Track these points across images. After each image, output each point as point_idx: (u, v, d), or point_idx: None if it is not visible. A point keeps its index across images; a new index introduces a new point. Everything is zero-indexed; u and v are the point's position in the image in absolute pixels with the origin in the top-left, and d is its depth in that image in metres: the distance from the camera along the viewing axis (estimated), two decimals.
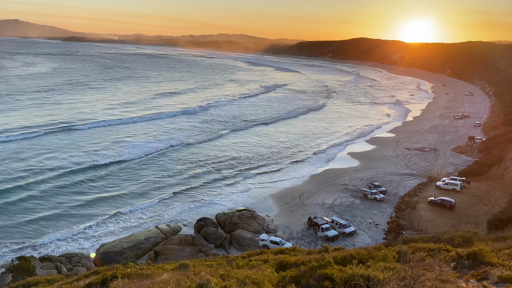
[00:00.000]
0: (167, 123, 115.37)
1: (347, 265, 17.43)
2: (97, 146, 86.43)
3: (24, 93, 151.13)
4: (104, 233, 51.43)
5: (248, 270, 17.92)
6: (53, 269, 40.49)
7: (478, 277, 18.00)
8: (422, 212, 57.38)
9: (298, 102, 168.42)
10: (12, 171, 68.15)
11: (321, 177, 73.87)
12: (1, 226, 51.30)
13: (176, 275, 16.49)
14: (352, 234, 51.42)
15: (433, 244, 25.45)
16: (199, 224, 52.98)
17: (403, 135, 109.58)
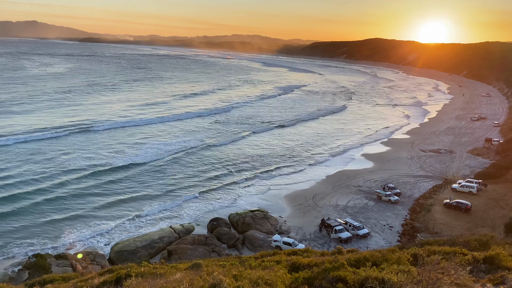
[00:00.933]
0: (186, 124, 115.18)
1: (361, 268, 17.29)
2: (115, 147, 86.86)
3: (42, 94, 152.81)
4: (119, 232, 51.91)
5: (261, 271, 17.90)
6: (68, 267, 40.97)
7: (495, 282, 17.71)
8: (437, 215, 56.63)
9: (316, 103, 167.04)
10: (32, 172, 68.75)
11: (335, 178, 73.46)
12: (20, 225, 52.04)
13: (189, 275, 16.54)
14: (366, 236, 51.04)
15: (448, 247, 25.09)
16: (212, 224, 53.12)
17: (418, 137, 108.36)
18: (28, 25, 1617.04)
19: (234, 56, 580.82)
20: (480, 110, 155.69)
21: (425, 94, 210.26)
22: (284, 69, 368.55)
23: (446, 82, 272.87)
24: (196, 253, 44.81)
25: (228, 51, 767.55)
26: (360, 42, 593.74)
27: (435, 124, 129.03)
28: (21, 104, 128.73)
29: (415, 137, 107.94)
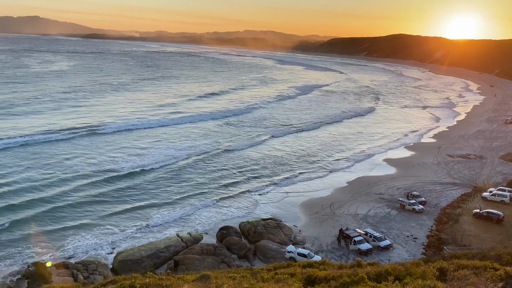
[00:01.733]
0: (199, 127, 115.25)
1: (382, 282, 17.17)
2: (123, 151, 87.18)
3: (44, 93, 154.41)
4: (124, 240, 52.11)
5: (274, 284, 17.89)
6: (69, 276, 41.19)
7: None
8: (466, 226, 55.82)
9: (340, 105, 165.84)
10: (34, 178, 69.12)
11: (355, 185, 72.90)
12: (20, 232, 52.54)
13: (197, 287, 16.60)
14: (388, 248, 50.43)
15: (478, 261, 24.77)
16: (222, 233, 53.02)
17: (445, 141, 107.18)
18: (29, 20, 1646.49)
19: (247, 53, 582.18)
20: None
21: (454, 95, 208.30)
22: (300, 67, 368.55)
23: (476, 82, 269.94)
24: (204, 263, 44.79)
25: (239, 48, 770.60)
26: (382, 38, 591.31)
27: (464, 127, 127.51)
28: (23, 104, 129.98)
29: (442, 141, 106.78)
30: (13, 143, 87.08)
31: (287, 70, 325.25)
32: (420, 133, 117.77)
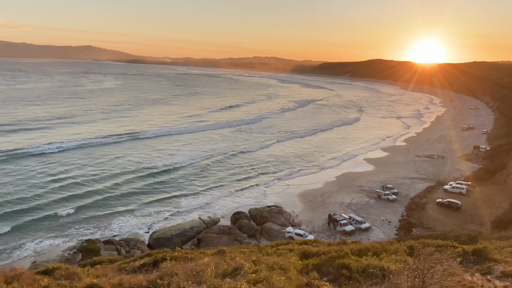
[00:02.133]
0: (220, 133, 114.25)
1: (363, 257, 16.99)
2: (159, 152, 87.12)
3: (96, 106, 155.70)
4: (157, 222, 52.37)
5: (276, 257, 17.78)
6: (114, 251, 41.59)
7: (483, 272, 17.17)
8: (431, 212, 55.34)
9: (331, 116, 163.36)
10: (89, 173, 69.71)
11: (341, 179, 72.63)
12: (78, 216, 53.10)
13: (215, 259, 16.52)
14: (367, 230, 50.26)
15: (441, 241, 24.44)
16: (235, 216, 53.18)
17: (414, 144, 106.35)
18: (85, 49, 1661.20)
19: (255, 75, 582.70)
20: (469, 121, 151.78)
21: (421, 107, 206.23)
22: (297, 85, 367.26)
23: (439, 97, 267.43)
24: (221, 241, 44.89)
25: (249, 71, 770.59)
26: (362, 63, 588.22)
27: (429, 133, 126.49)
28: (80, 115, 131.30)
29: (411, 144, 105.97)
30: (72, 145, 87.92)
31: (287, 88, 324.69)
32: (394, 138, 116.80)
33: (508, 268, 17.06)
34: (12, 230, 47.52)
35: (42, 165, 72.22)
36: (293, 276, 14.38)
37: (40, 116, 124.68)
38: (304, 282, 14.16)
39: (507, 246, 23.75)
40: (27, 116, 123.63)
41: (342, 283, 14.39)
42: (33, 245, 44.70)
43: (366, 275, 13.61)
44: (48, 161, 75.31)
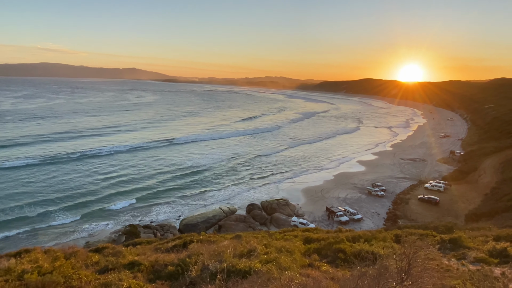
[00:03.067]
0: (242, 140, 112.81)
1: (356, 243, 16.76)
2: (190, 155, 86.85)
3: (139, 117, 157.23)
4: (186, 211, 52.65)
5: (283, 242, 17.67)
6: (151, 234, 41.97)
7: (458, 257, 16.76)
8: (413, 206, 54.20)
9: (333, 126, 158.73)
10: (134, 172, 70.08)
11: (338, 178, 71.79)
12: (123, 207, 53.73)
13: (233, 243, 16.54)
14: (359, 220, 49.51)
15: (422, 231, 23.93)
16: (249, 207, 53.09)
17: (399, 149, 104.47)
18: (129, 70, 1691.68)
19: (267, 91, 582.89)
20: (446, 130, 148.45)
21: (405, 118, 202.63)
22: (302, 100, 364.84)
23: (420, 110, 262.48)
24: (237, 227, 44.93)
25: (262, 88, 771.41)
26: (356, 81, 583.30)
27: (412, 140, 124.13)
28: (125, 124, 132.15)
29: (397, 149, 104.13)
30: (121, 149, 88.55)
31: (293, 102, 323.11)
32: (383, 144, 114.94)
33: (480, 254, 16.61)
34: (73, 214, 48.48)
35: (98, 165, 73.18)
36: (297, 257, 14.27)
37: (95, 125, 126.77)
38: (307, 263, 14.03)
39: (478, 236, 23.13)
40: (85, 125, 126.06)
41: (339, 264, 14.20)
42: (86, 228, 45.49)
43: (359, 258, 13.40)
44: (102, 162, 76.22)
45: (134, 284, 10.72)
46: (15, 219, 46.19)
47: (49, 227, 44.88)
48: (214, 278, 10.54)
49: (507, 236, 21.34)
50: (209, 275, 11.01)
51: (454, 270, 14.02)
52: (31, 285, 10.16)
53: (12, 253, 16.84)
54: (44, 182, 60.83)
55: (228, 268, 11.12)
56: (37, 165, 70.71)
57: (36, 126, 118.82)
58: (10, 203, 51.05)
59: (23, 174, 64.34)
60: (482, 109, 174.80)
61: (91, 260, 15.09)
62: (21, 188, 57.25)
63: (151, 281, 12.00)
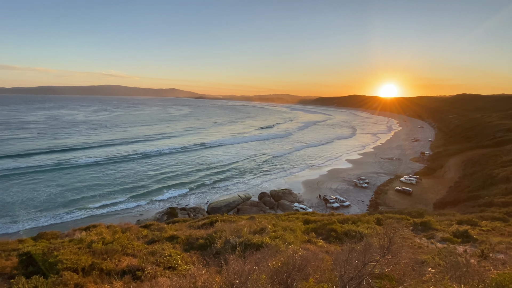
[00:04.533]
0: (260, 144, 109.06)
1: (345, 224, 16.42)
2: (219, 154, 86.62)
3: (177, 127, 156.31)
4: (213, 197, 52.75)
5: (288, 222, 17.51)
6: (186, 214, 42.36)
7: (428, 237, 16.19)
8: (391, 196, 52.74)
9: (331, 132, 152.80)
10: (178, 168, 69.50)
11: (330, 173, 70.57)
12: (167, 193, 54.26)
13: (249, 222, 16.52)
14: (348, 207, 48.49)
15: (398, 215, 23.25)
16: (261, 195, 52.73)
17: (379, 150, 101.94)
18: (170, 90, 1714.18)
19: (274, 105, 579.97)
20: (417, 135, 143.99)
21: (385, 126, 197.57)
22: (302, 112, 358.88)
23: (396, 119, 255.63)
24: (252, 210, 44.83)
25: (270, 103, 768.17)
26: (344, 97, 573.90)
27: (390, 143, 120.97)
28: (168, 133, 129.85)
29: (378, 150, 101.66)
30: (166, 151, 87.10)
31: (296, 114, 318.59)
32: (367, 146, 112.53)
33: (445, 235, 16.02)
34: (128, 199, 49.51)
35: (149, 164, 72.94)
36: (298, 235, 14.10)
37: (146, 132, 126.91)
38: (306, 239, 13.85)
39: (444, 220, 22.29)
40: (138, 132, 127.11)
41: (331, 241, 13.95)
42: (138, 209, 46.32)
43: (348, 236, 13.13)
44: (152, 161, 75.83)
45: (173, 252, 10.82)
46: (87, 202, 47.55)
47: (111, 210, 45.92)
48: (234, 249, 10.54)
49: (468, 220, 20.48)
50: (230, 247, 11.01)
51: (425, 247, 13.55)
52: (97, 251, 10.38)
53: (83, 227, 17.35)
54: (109, 176, 61.56)
55: (245, 242, 11.10)
56: (103, 163, 70.83)
57: (102, 133, 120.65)
58: (83, 191, 52.57)
59: (93, 170, 65.19)
60: (446, 118, 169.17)
61: (141, 233, 15.35)
62: (92, 180, 58.45)
63: (186, 251, 12.10)
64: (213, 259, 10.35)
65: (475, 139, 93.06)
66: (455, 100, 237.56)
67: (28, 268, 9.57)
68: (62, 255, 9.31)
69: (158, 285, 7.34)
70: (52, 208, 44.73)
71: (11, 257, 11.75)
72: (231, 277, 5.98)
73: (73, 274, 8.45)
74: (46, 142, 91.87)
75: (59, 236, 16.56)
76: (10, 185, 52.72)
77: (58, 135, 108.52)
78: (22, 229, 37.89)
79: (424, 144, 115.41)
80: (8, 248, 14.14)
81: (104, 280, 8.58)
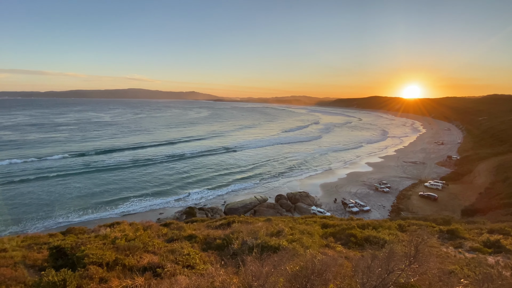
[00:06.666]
0: (288, 147, 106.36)
1: (365, 229, 15.87)
2: (243, 158, 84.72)
3: (198, 129, 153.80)
4: (230, 198, 52.87)
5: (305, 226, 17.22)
6: (204, 214, 42.89)
7: (455, 246, 15.21)
8: (415, 201, 50.25)
9: (356, 135, 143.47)
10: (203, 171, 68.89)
11: (350, 176, 68.58)
12: (187, 192, 55.02)
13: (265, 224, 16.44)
14: (368, 211, 46.88)
15: (422, 222, 22.06)
16: (277, 197, 52.42)
17: (402, 153, 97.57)
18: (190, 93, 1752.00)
19: (292, 107, 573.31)
20: (443, 138, 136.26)
21: (408, 128, 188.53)
22: (321, 113, 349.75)
23: (420, 121, 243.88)
24: (268, 213, 44.58)
25: (288, 105, 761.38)
26: (365, 98, 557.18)
27: (413, 146, 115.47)
28: (188, 136, 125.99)
29: (400, 154, 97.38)
30: (190, 154, 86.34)
31: (315, 116, 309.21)
32: (388, 149, 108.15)
33: (475, 244, 14.98)
34: (152, 197, 51.08)
35: (170, 166, 73.38)
36: (316, 239, 13.82)
37: (169, 136, 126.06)
38: (324, 244, 13.53)
39: (474, 228, 20.85)
40: (160, 136, 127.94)
41: (351, 247, 13.53)
42: (158, 207, 47.67)
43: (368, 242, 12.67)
44: (174, 163, 75.63)
45: (192, 251, 11.00)
46: (111, 201, 49.77)
47: (133, 208, 47.57)
48: (251, 251, 10.52)
49: (500, 229, 19.00)
50: (247, 248, 11.01)
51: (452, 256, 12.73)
52: (120, 248, 10.78)
53: (108, 224, 18.18)
54: (133, 177, 63.13)
55: (262, 244, 11.05)
56: (128, 165, 71.47)
57: (126, 135, 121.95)
58: (108, 190, 55.03)
59: (118, 172, 66.45)
60: (476, 120, 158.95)
61: (161, 232, 15.78)
62: (117, 181, 60.33)
63: (204, 250, 12.26)
64: (230, 259, 10.40)
65: (508, 142, 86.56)
66: (486, 101, 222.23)
67: (58, 261, 10.16)
68: (88, 250, 9.80)
69: (177, 283, 7.50)
70: (81, 205, 47.30)
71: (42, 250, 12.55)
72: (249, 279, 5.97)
73: (98, 268, 8.85)
74: (76, 145, 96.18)
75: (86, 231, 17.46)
76: (45, 185, 56.49)
77: (86, 138, 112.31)
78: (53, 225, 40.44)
79: (451, 147, 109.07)
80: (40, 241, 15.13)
81: (127, 276, 8.90)
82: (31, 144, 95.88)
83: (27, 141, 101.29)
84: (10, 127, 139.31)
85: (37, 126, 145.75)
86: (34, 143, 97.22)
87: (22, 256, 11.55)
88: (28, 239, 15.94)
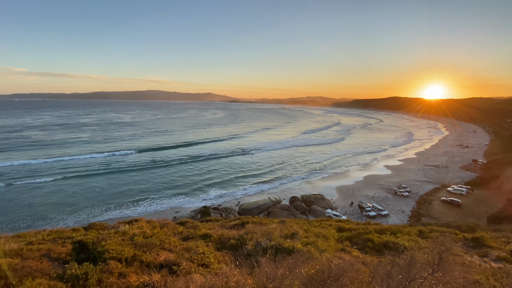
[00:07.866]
0: (309, 148, 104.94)
1: (383, 235, 15.37)
2: (258, 160, 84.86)
3: (214, 131, 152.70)
4: (244, 199, 52.98)
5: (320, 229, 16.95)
6: (218, 214, 43.21)
7: (480, 254, 14.38)
8: (436, 207, 47.96)
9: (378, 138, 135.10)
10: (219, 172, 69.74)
11: (367, 179, 66.67)
12: (204, 193, 55.87)
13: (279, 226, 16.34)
14: (386, 216, 45.34)
15: (445, 228, 21.03)
16: (292, 199, 51.90)
17: (423, 156, 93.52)
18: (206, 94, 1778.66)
19: (308, 108, 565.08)
20: (468, 140, 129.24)
21: (430, 130, 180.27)
22: (337, 114, 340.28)
23: (443, 123, 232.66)
24: (282, 214, 44.27)
25: (302, 105, 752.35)
26: (383, 99, 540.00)
27: (435, 149, 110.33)
28: (204, 138, 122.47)
29: (421, 157, 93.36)
30: (206, 155, 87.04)
31: (333, 117, 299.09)
32: (408, 152, 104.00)
33: (502, 253, 14.07)
34: (169, 196, 52.38)
35: (188, 167, 74.24)
36: (332, 242, 13.56)
37: (188, 137, 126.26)
38: (340, 248, 13.25)
39: (500, 236, 19.58)
40: (179, 137, 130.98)
41: (367, 252, 13.15)
42: (175, 206, 48.68)
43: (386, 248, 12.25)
44: (191, 164, 76.36)
45: (207, 250, 11.15)
46: (131, 198, 51.54)
47: (151, 205, 49.02)
48: (265, 252, 10.50)
49: None
50: (261, 250, 11.00)
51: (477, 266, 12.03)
52: (138, 244, 11.13)
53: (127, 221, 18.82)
54: (152, 177, 64.77)
55: (276, 245, 11.00)
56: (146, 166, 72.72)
57: (144, 137, 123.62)
58: (129, 189, 57.01)
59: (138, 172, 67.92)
60: (505, 122, 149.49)
61: (177, 230, 16.13)
62: (137, 181, 62.25)
63: (218, 250, 12.39)
64: (244, 260, 10.43)
65: None
66: None
67: (80, 255, 10.67)
68: (108, 245, 10.20)
69: (192, 281, 7.63)
70: (103, 202, 49.41)
71: (66, 244, 13.22)
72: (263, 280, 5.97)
73: (117, 263, 9.19)
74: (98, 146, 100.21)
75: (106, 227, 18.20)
76: (71, 184, 59.54)
77: (108, 139, 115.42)
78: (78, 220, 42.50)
79: (477, 150, 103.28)
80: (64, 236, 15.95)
81: (144, 272, 9.17)
82: (58, 144, 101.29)
83: (55, 140, 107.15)
84: (38, 127, 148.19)
85: (63, 126, 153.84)
86: (59, 143, 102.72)
87: (47, 249, 12.23)
88: (53, 233, 16.87)
